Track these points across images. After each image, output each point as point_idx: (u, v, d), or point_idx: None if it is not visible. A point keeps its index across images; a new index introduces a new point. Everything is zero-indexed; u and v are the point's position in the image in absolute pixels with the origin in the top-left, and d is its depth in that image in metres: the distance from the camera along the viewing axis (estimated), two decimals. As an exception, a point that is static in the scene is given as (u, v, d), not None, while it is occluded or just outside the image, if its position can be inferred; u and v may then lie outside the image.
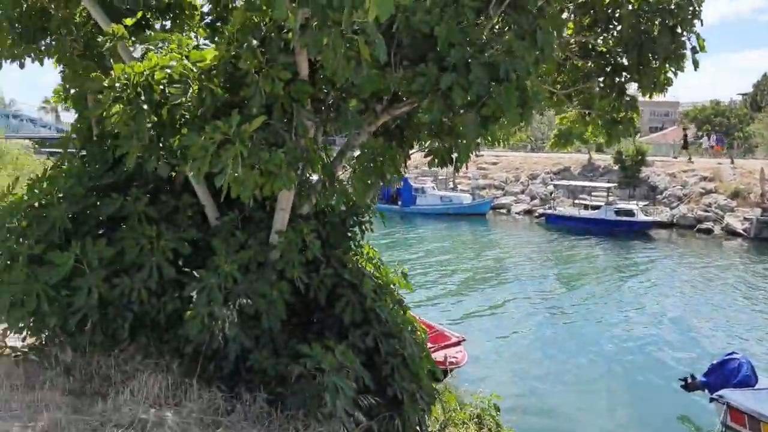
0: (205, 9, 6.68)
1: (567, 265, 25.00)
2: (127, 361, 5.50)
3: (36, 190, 5.38)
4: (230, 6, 5.48)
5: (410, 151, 6.38)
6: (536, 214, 36.99)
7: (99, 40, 4.93)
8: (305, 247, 5.70)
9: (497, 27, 5.19)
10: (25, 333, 5.24)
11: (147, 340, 5.53)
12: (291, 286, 5.65)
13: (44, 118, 70.45)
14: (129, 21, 4.90)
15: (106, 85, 4.55)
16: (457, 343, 13.11)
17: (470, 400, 9.23)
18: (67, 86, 8.25)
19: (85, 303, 5.02)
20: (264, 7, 4.25)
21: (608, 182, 36.34)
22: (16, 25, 5.74)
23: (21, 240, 5.28)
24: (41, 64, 6.84)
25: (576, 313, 17.91)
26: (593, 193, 35.39)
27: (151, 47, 4.84)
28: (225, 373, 5.49)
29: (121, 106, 4.53)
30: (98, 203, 5.58)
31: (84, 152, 6.75)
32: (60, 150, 6.56)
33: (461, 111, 4.73)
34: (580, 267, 24.76)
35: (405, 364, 6.06)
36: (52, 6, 5.73)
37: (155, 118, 4.55)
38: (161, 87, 4.54)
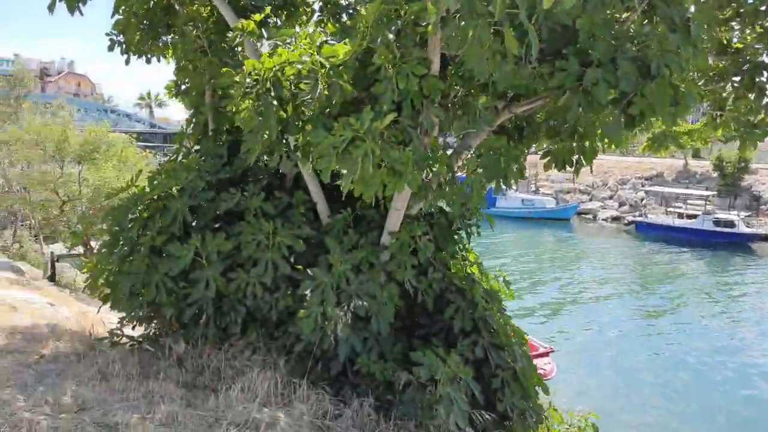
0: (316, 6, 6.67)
1: (662, 279, 23.55)
2: (236, 356, 5.50)
3: (156, 183, 5.47)
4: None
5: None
6: (625, 222, 35.24)
7: (228, 35, 4.91)
8: (416, 249, 5.49)
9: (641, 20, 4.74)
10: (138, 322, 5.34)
11: (256, 335, 5.50)
12: (399, 289, 5.47)
13: (139, 114, 74.80)
14: (258, 17, 4.86)
15: (237, 80, 4.51)
16: (546, 354, 12.56)
17: (566, 417, 8.72)
18: (179, 82, 8.53)
19: (202, 296, 5.04)
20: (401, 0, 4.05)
21: (706, 190, 34.03)
22: (144, 21, 5.88)
23: (142, 231, 5.38)
24: (167, 60, 7.04)
25: (676, 333, 16.76)
26: (689, 201, 33.27)
27: (279, 43, 4.77)
28: (332, 374, 5.38)
29: (251, 101, 4.48)
30: (215, 197, 5.61)
31: (198, 147, 6.89)
32: (151, 144, 6.70)
33: (602, 109, 4.34)
34: (677, 281, 23.25)
35: (515, 379, 5.72)
36: (178, 2, 5.82)
37: (283, 114, 4.47)
38: (290, 83, 4.46)
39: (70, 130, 16.01)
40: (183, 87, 8.79)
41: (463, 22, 3.57)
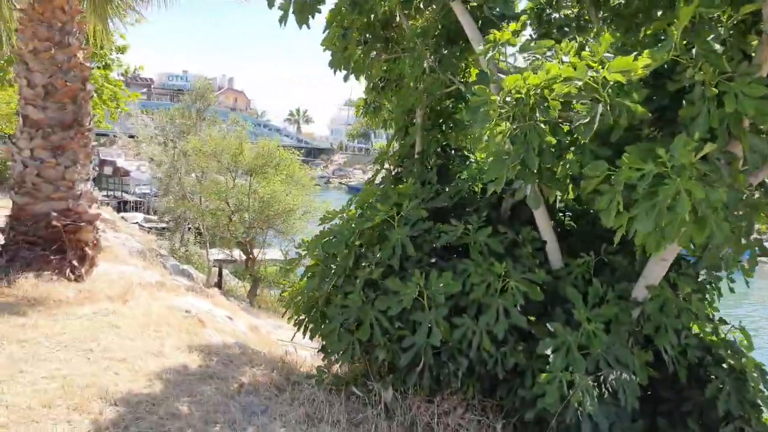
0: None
1: None
2: (448, 412, 4.80)
3: (376, 210, 4.96)
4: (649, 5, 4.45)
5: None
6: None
7: (479, 49, 4.28)
8: (680, 309, 4.46)
9: None
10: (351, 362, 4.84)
11: (473, 392, 4.77)
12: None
13: (287, 128, 79.55)
14: (514, 26, 4.19)
15: (491, 100, 3.85)
16: None
17: None
18: (370, 101, 8.17)
19: (424, 342, 4.41)
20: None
21: None
22: (367, 35, 5.48)
23: (358, 262, 4.91)
24: (358, 79, 6.68)
25: None
26: None
27: (537, 56, 4.06)
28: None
29: (508, 123, 3.79)
30: (430, 228, 5.01)
31: (399, 170, 6.41)
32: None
33: None
34: None
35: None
36: (404, 14, 5.35)
37: (552, 140, 3.73)
38: (558, 102, 3.71)
39: (245, 144, 16.84)
40: (373, 106, 8.51)
41: None
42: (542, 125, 3.71)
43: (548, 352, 4.26)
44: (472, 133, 4.51)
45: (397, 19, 5.88)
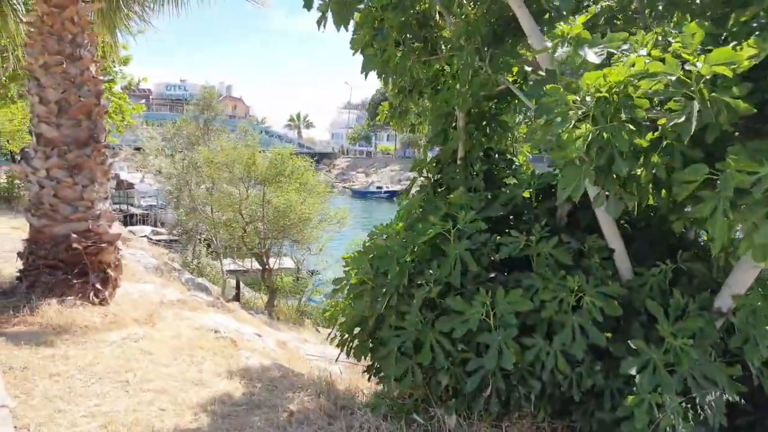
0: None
1: None
2: (517, 437, 4.48)
3: (431, 221, 4.62)
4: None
5: None
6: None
7: (540, 45, 3.95)
8: (768, 318, 4.12)
9: None
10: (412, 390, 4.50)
11: (543, 414, 4.44)
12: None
13: (288, 134, 79.18)
14: (583, 18, 3.85)
15: (569, 99, 3.51)
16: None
17: None
18: (396, 104, 7.84)
19: (494, 365, 4.06)
20: None
21: None
22: (407, 35, 5.15)
23: (412, 279, 4.57)
24: (382, 82, 6.35)
25: None
26: None
27: (612, 50, 3.72)
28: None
29: (588, 125, 3.45)
30: (486, 241, 4.66)
31: (439, 177, 6.07)
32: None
33: None
34: None
35: None
36: (446, 11, 5.02)
37: (642, 142, 3.39)
38: (647, 100, 3.37)
39: (258, 153, 16.51)
40: (399, 110, 8.16)
41: None
42: (631, 126, 3.37)
43: (633, 372, 3.92)
44: (536, 136, 4.17)
45: (436, 17, 5.55)
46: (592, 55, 3.79)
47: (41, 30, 7.60)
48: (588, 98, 3.47)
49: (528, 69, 5.75)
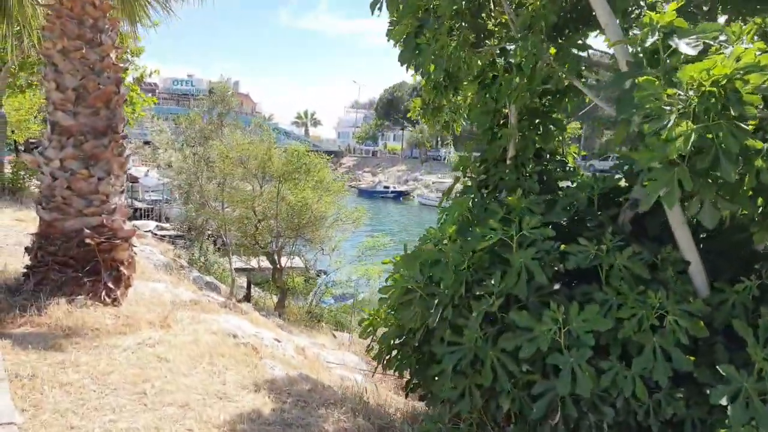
0: None
1: None
2: (581, 468, 4.03)
3: (492, 226, 4.17)
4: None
5: None
6: None
7: (633, 35, 3.52)
8: None
9: None
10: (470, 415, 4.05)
11: (612, 444, 3.99)
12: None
13: (295, 131, 78.73)
14: (674, 5, 3.41)
15: (669, 93, 3.08)
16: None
17: None
18: (428, 100, 7.42)
19: (568, 390, 3.62)
20: None
21: None
22: (462, 23, 4.71)
23: (469, 290, 4.13)
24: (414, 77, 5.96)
25: None
26: None
27: (709, 42, 3.30)
28: None
29: (690, 123, 3.02)
30: (550, 250, 4.22)
31: (485, 177, 5.64)
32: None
33: None
34: None
35: None
36: (507, 1, 4.57)
37: (756, 143, 2.96)
38: (759, 96, 2.94)
39: (274, 150, 16.06)
40: (432, 107, 7.74)
41: None
42: (742, 125, 2.94)
43: (724, 401, 3.48)
44: (619, 134, 3.74)
45: (491, 5, 5.11)
46: (684, 46, 3.35)
47: (60, 13, 7.16)
48: (691, 92, 3.03)
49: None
